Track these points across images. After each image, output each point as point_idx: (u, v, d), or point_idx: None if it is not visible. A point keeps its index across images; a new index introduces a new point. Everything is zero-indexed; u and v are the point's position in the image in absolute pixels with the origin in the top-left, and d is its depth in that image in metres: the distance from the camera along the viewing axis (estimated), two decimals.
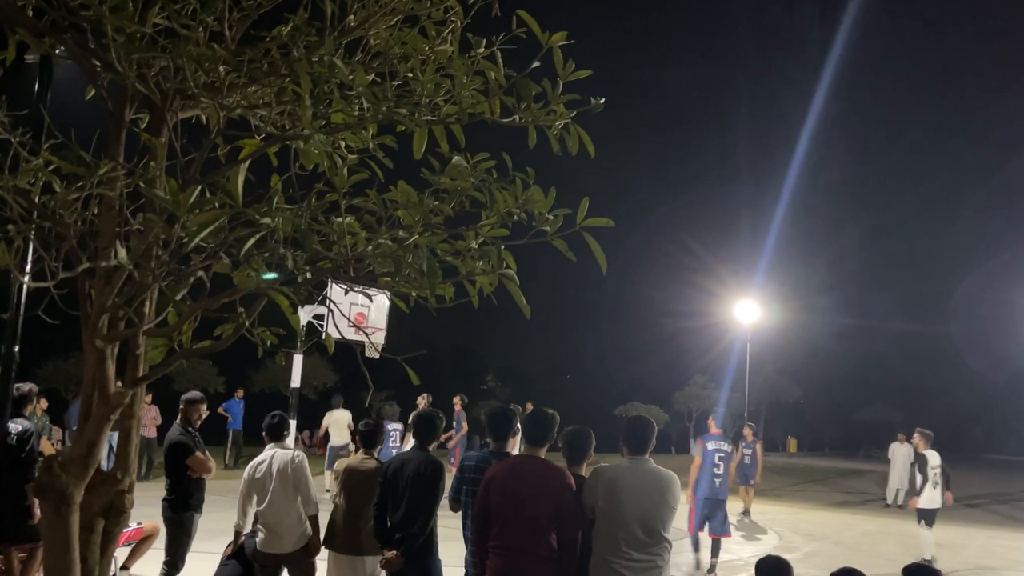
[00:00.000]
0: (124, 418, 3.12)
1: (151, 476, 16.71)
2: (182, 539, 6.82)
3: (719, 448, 10.83)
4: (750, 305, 25.80)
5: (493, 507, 4.83)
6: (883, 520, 18.19)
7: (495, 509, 4.82)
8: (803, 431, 54.76)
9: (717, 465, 10.71)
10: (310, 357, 28.28)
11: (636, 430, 4.94)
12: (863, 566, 4.77)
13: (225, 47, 2.98)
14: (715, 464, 10.71)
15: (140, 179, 2.90)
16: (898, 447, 21.24)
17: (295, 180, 3.19)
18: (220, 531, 7.52)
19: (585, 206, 3.24)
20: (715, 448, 10.82)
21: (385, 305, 15.71)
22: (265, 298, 3.06)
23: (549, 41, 3.08)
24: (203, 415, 7.36)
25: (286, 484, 6.25)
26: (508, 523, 4.76)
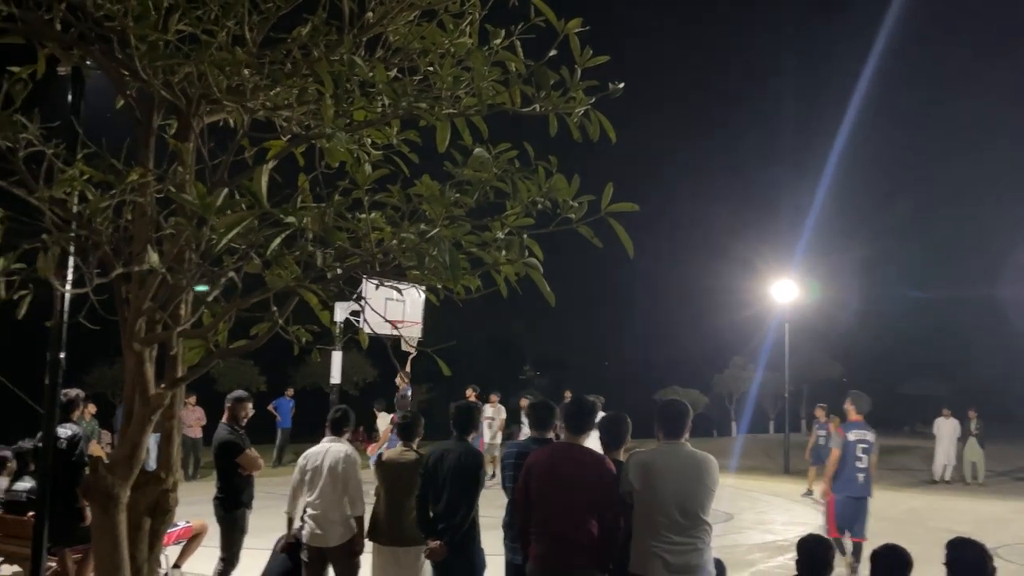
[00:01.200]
0: (165, 419, 3.20)
1: (198, 476, 17.00)
2: (235, 535, 6.94)
3: (862, 438, 9.27)
4: (788, 284, 25.53)
5: (534, 494, 4.88)
6: (930, 496, 17.98)
7: (536, 496, 4.87)
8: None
9: (859, 458, 9.21)
10: (349, 353, 28.52)
11: (670, 414, 4.94)
12: (909, 542, 4.74)
13: (246, 50, 3.03)
14: (857, 457, 9.20)
15: (170, 184, 2.96)
16: (944, 422, 20.95)
17: (322, 178, 3.24)
18: (268, 528, 7.64)
19: (609, 192, 3.25)
20: (858, 439, 9.25)
21: (420, 299, 15.80)
22: (297, 296, 3.12)
23: (565, 28, 3.09)
24: (249, 413, 7.48)
25: (336, 480, 6.32)
26: (549, 510, 4.81)
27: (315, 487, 6.38)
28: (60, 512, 6.53)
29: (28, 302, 3.03)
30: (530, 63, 3.25)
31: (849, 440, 9.20)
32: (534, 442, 5.50)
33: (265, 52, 3.17)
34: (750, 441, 32.25)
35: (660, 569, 4.60)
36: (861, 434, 9.27)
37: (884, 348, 53.69)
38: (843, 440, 9.24)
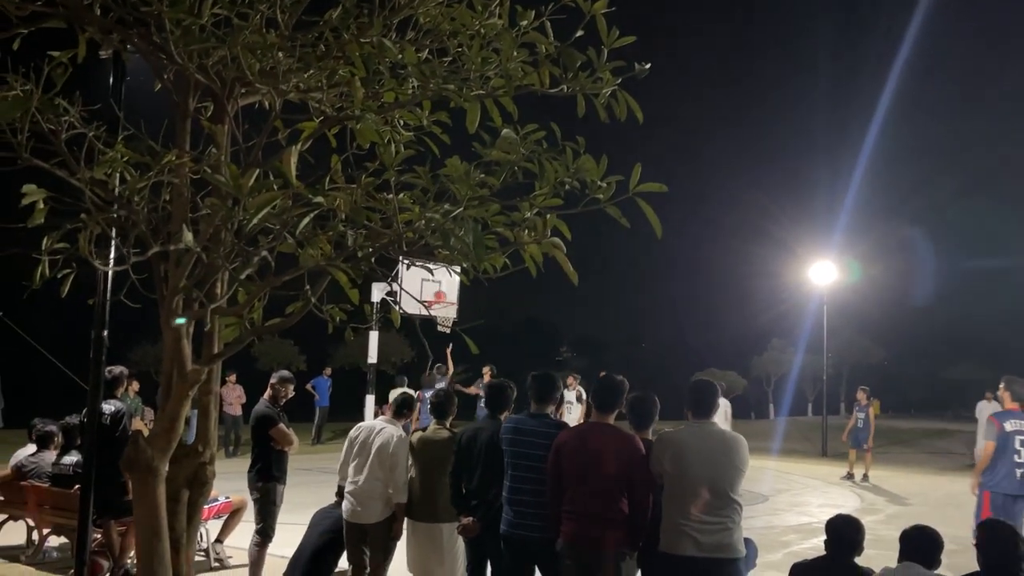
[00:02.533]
0: (202, 394, 3.29)
1: (238, 453, 17.30)
2: (269, 507, 7.07)
3: (1021, 429, 8.16)
4: (827, 265, 25.22)
5: (565, 473, 4.93)
6: (969, 481, 17.75)
7: (567, 475, 4.92)
8: (888, 393, 53.50)
9: (1018, 451, 8.12)
10: (387, 333, 28.76)
11: (699, 394, 4.96)
12: (947, 526, 4.72)
13: (279, 34, 3.08)
14: (1016, 450, 8.11)
15: (205, 166, 3.03)
16: (985, 405, 20.59)
17: (354, 159, 3.30)
18: (306, 504, 7.80)
19: (638, 172, 3.26)
20: (1015, 429, 8.16)
21: (455, 280, 15.88)
22: (329, 276, 3.18)
23: (592, 9, 3.10)
24: (290, 394, 7.60)
25: (382, 461, 6.39)
26: (579, 488, 4.86)
27: (360, 463, 6.45)
28: (104, 485, 6.71)
29: (71, 281, 3.13)
30: (558, 44, 3.27)
31: (1007, 431, 8.15)
32: (531, 417, 5.52)
33: (297, 35, 3.22)
34: (789, 424, 32.04)
35: (690, 547, 4.63)
36: (1019, 424, 8.19)
37: (926, 331, 52.89)
38: (998, 431, 8.19)
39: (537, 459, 5.25)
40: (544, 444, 5.24)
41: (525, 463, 5.32)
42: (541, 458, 5.22)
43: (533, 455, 5.29)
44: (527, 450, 5.33)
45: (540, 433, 5.34)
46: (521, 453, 5.35)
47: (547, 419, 5.49)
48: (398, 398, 7.01)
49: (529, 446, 5.34)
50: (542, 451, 5.23)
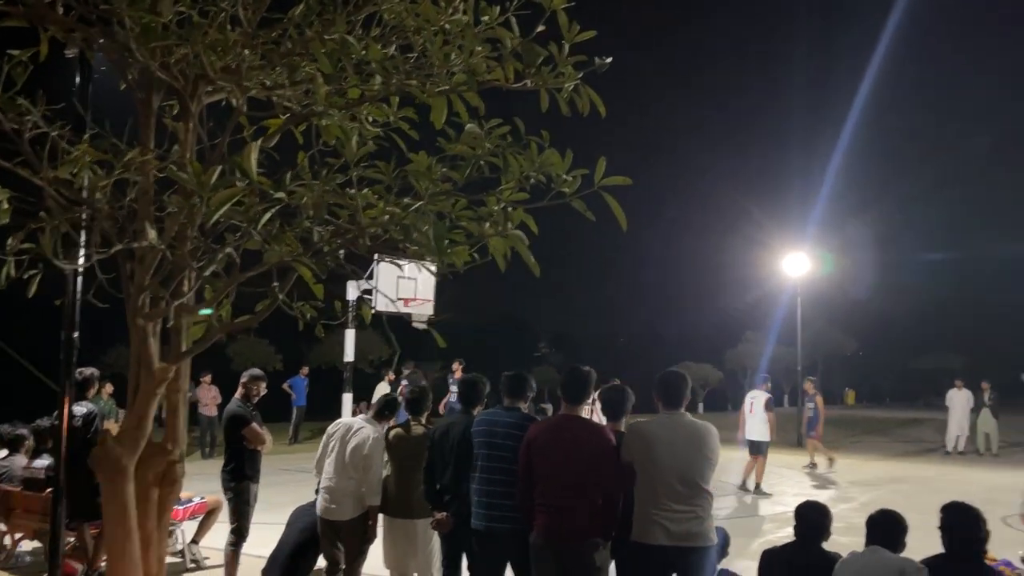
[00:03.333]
0: (170, 392, 3.29)
1: (215, 454, 17.20)
2: (243, 507, 7.05)
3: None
4: (800, 258, 25.44)
5: (537, 466, 4.97)
6: (942, 467, 18.00)
7: (539, 468, 4.96)
8: (861, 383, 54.09)
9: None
10: (364, 331, 28.66)
11: (669, 385, 5.01)
12: (919, 511, 4.81)
13: (241, 31, 3.08)
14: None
15: (170, 163, 3.03)
16: (956, 393, 20.93)
17: (321, 156, 3.31)
18: (282, 503, 7.79)
19: (602, 166, 3.29)
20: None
21: (431, 277, 15.88)
22: (295, 272, 3.19)
23: (552, 4, 3.13)
24: (262, 392, 7.57)
25: (356, 460, 6.39)
26: (552, 481, 4.90)
27: (335, 460, 6.45)
28: (77, 488, 6.67)
29: (38, 281, 3.12)
30: (521, 39, 3.30)
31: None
32: (504, 411, 5.57)
33: (260, 32, 3.23)
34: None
35: (661, 537, 4.68)
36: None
37: (897, 322, 53.52)
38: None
39: (509, 452, 5.28)
40: (517, 437, 5.27)
41: (497, 454, 5.34)
42: (513, 451, 5.24)
43: (505, 446, 5.32)
44: (499, 441, 5.36)
45: (512, 425, 5.37)
46: (493, 445, 5.38)
47: (519, 412, 5.53)
48: (381, 399, 6.99)
49: (502, 438, 5.36)
50: (514, 444, 5.26)
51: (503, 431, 5.38)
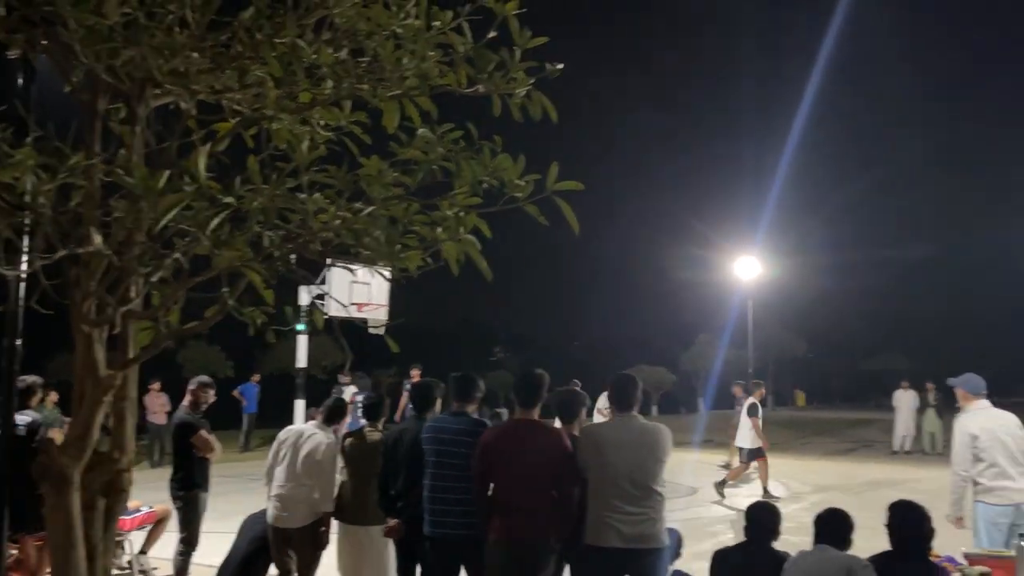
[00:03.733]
0: (117, 400, 3.23)
1: (164, 462, 16.92)
2: (192, 516, 6.96)
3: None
4: (751, 261, 25.83)
5: (494, 471, 4.96)
6: (890, 467, 18.37)
7: (496, 472, 4.96)
8: (811, 384, 54.99)
9: None
10: (317, 336, 28.42)
11: (621, 388, 5.05)
12: (867, 511, 4.90)
13: (189, 34, 3.05)
14: None
15: (117, 167, 2.98)
16: (903, 394, 21.39)
17: (272, 160, 3.27)
18: (235, 512, 7.68)
19: (555, 171, 3.31)
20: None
21: (385, 282, 15.80)
22: (246, 277, 3.15)
23: (504, 10, 3.14)
24: (211, 399, 7.47)
25: (309, 467, 6.33)
26: (507, 484, 4.90)
27: (287, 467, 6.38)
28: (20, 499, 6.50)
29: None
30: (473, 44, 3.30)
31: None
32: (452, 416, 5.55)
33: (209, 35, 3.19)
34: (716, 417, 32.62)
35: (614, 539, 4.72)
36: None
37: (846, 324, 54.54)
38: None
39: (459, 458, 5.26)
40: (467, 443, 5.25)
41: (447, 462, 5.31)
42: (463, 456, 5.23)
43: (455, 454, 5.29)
44: (449, 448, 5.33)
45: (460, 432, 5.34)
46: (443, 452, 5.34)
47: (468, 418, 5.51)
48: (329, 403, 6.93)
49: (451, 444, 5.33)
50: (464, 450, 5.24)
51: (451, 438, 5.35)
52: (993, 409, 6.71)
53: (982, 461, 6.50)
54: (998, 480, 6.41)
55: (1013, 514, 6.38)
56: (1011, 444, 6.44)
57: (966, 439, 6.60)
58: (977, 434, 6.56)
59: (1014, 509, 6.38)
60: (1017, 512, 6.38)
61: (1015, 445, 6.45)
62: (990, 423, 6.57)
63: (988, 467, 6.47)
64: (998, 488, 6.40)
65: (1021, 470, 6.44)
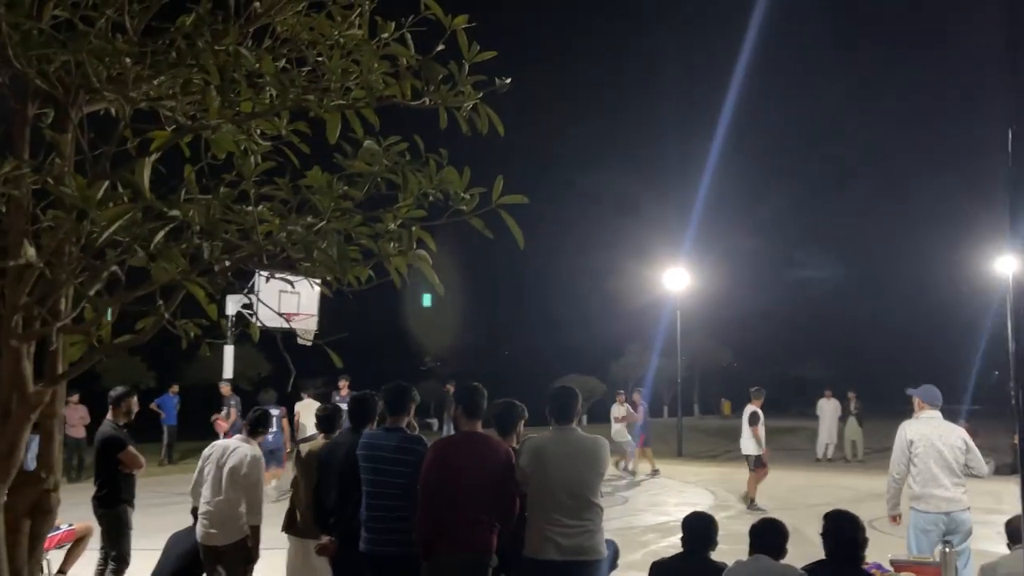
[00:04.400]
0: (45, 417, 3.10)
1: (83, 478, 16.38)
2: (122, 531, 6.77)
3: None
4: (679, 272, 26.25)
5: (442, 485, 4.87)
6: (813, 474, 18.85)
7: (443, 487, 4.86)
8: (737, 393, 56.07)
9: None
10: (242, 347, 27.89)
11: (560, 400, 5.08)
12: (792, 518, 5.00)
13: (127, 39, 2.95)
14: None
15: (48, 176, 2.87)
16: (826, 403, 21.98)
17: (209, 170, 3.19)
18: (159, 528, 7.48)
19: (500, 185, 3.30)
20: None
21: (315, 292, 15.58)
22: (184, 290, 3.06)
23: (452, 24, 3.13)
24: (134, 409, 7.26)
25: (235, 481, 6.22)
26: (454, 498, 4.84)
27: (213, 484, 6.28)
28: None
29: None
30: (419, 57, 3.28)
31: None
32: (386, 431, 5.46)
33: (147, 41, 3.10)
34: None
35: (553, 551, 4.72)
36: None
37: (771, 335, 55.81)
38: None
39: (396, 475, 5.18)
40: (403, 460, 5.18)
41: (382, 479, 5.23)
42: (400, 474, 5.15)
43: (391, 471, 5.21)
44: (384, 466, 5.24)
45: (395, 449, 5.26)
46: (379, 469, 5.26)
47: (402, 433, 5.43)
48: (252, 415, 6.80)
49: (386, 462, 5.25)
50: (401, 467, 5.16)
51: (388, 455, 5.27)
52: (940, 419, 6.87)
53: (916, 467, 6.69)
54: (928, 487, 6.61)
55: (945, 523, 6.55)
56: (947, 454, 6.61)
57: (903, 443, 6.81)
58: (913, 439, 6.75)
59: (946, 518, 6.55)
60: (950, 522, 6.55)
61: (951, 456, 6.62)
62: (929, 431, 6.75)
63: (920, 473, 6.66)
64: (927, 495, 6.60)
65: (956, 481, 6.62)
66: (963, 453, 6.66)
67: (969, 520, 6.63)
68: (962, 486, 6.63)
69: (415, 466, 5.08)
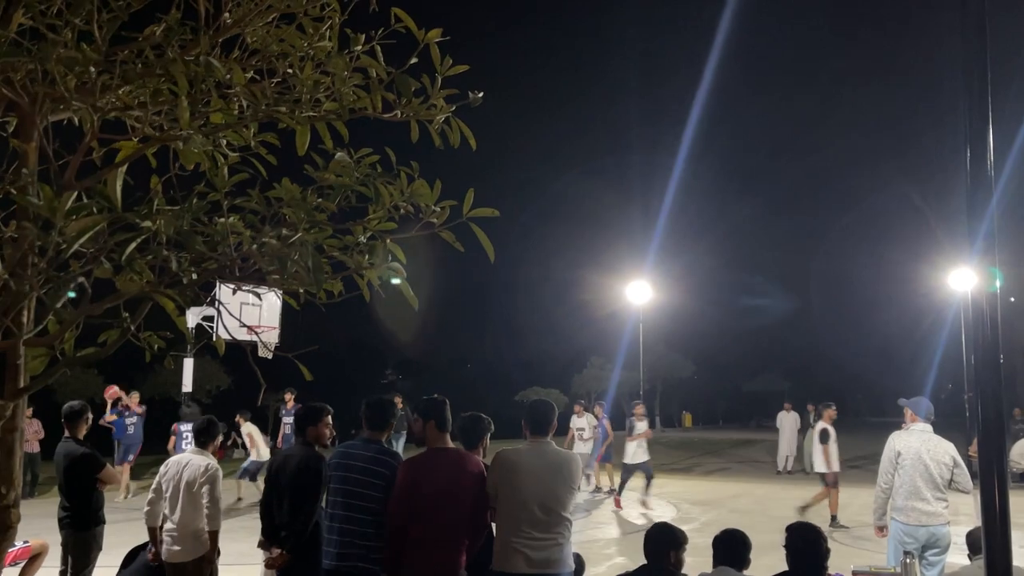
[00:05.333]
0: (6, 431, 3.03)
1: (36, 493, 16.03)
2: (94, 554, 6.64)
3: None
4: (642, 285, 26.44)
5: (412, 503, 4.80)
6: (774, 486, 19.03)
7: (420, 504, 4.79)
8: (697, 405, 56.62)
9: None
10: (201, 360, 27.56)
11: (537, 413, 5.08)
12: (753, 530, 5.06)
13: (95, 48, 2.92)
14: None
15: (11, 186, 2.82)
16: (785, 415, 22.22)
17: (176, 181, 3.16)
18: (116, 543, 7.33)
19: (471, 197, 3.31)
20: None
21: (277, 303, 15.45)
22: (151, 302, 3.02)
23: (425, 38, 3.14)
24: (88, 422, 7.13)
25: (193, 495, 6.17)
26: (428, 515, 4.77)
27: (173, 501, 6.23)
28: None
29: None
30: (391, 70, 3.28)
31: None
32: (364, 443, 5.38)
33: (115, 50, 3.06)
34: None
35: (522, 564, 4.71)
36: None
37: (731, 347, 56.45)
38: None
39: (371, 488, 5.10)
40: (380, 473, 5.11)
41: (355, 490, 5.12)
42: (375, 487, 5.08)
43: (363, 482, 5.12)
44: (356, 476, 5.15)
45: (370, 460, 5.19)
46: (353, 480, 5.16)
47: (380, 447, 5.36)
48: (197, 425, 6.71)
49: (359, 472, 5.16)
50: (378, 480, 5.09)
51: (361, 465, 5.17)
52: (929, 433, 6.92)
53: (899, 478, 6.75)
54: (910, 500, 6.66)
55: (925, 537, 6.60)
56: (932, 468, 6.66)
57: (891, 454, 6.87)
58: (901, 451, 6.80)
59: (926, 532, 6.60)
60: (931, 536, 6.60)
61: (936, 471, 6.66)
62: (917, 444, 6.80)
63: (903, 485, 6.71)
64: (909, 507, 6.66)
65: (939, 495, 6.66)
66: (949, 469, 6.70)
67: (949, 534, 6.69)
68: (944, 501, 6.69)
69: (389, 481, 5.01)
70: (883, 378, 53.76)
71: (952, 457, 6.73)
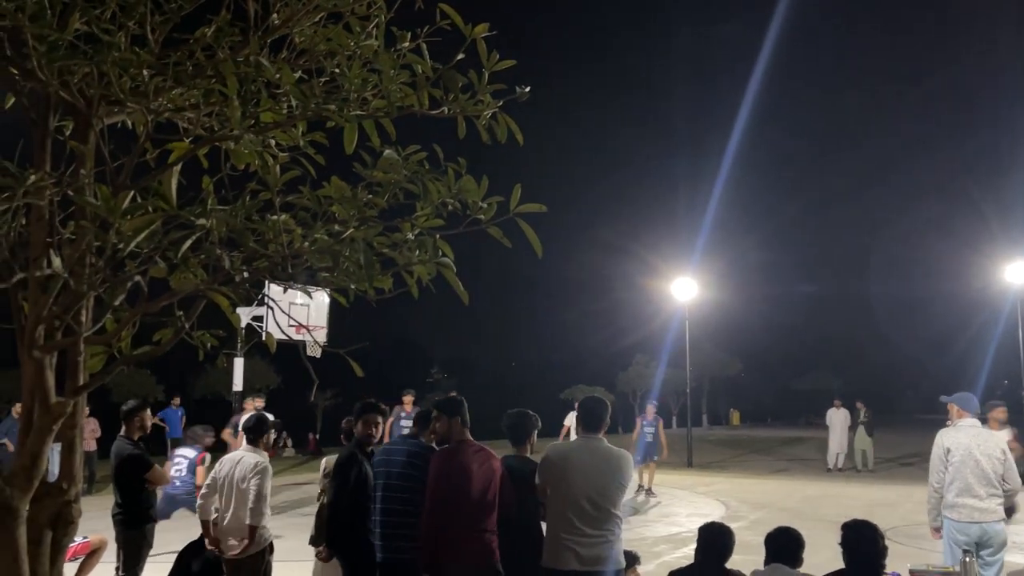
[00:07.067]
0: (67, 428, 3.10)
1: (93, 490, 16.39)
2: (144, 551, 6.77)
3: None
4: (687, 282, 26.20)
5: (444, 494, 4.95)
6: (824, 484, 18.74)
7: (446, 496, 4.94)
8: (745, 403, 56.04)
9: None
10: (251, 359, 27.95)
11: (590, 409, 5.11)
12: (806, 529, 4.98)
13: (148, 51, 2.97)
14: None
15: (69, 187, 2.88)
16: (835, 412, 21.87)
17: (227, 181, 3.20)
18: (168, 541, 7.48)
19: (518, 193, 3.30)
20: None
21: (325, 302, 15.62)
22: (204, 300, 3.07)
23: (472, 33, 3.14)
24: (148, 423, 7.24)
25: (242, 492, 6.27)
26: (451, 507, 4.92)
27: (227, 499, 6.34)
28: None
29: None
30: (438, 66, 3.29)
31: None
32: (402, 440, 5.70)
33: (168, 52, 3.11)
34: None
35: (572, 561, 4.71)
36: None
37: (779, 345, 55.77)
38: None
39: (407, 479, 5.31)
40: (415, 465, 5.30)
41: (395, 483, 5.36)
42: (411, 477, 5.26)
43: (403, 475, 5.35)
44: (396, 470, 5.39)
45: (408, 453, 5.42)
46: (390, 475, 5.40)
47: (416, 441, 5.61)
48: (247, 423, 6.82)
49: (399, 466, 5.40)
50: (411, 471, 5.30)
51: (400, 459, 5.42)
52: (979, 427, 6.74)
53: (950, 475, 6.56)
54: (962, 497, 6.46)
55: (977, 534, 6.41)
56: (984, 464, 6.46)
57: (940, 452, 6.67)
58: (950, 448, 6.61)
59: (979, 529, 6.41)
60: (983, 533, 6.42)
61: (989, 465, 6.45)
62: (967, 439, 6.59)
63: (954, 482, 6.53)
64: (960, 504, 6.47)
65: (992, 491, 6.44)
66: (1001, 464, 6.51)
67: (1003, 532, 6.49)
68: (998, 497, 6.48)
69: (425, 472, 5.19)
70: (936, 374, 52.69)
71: (1003, 451, 6.55)
